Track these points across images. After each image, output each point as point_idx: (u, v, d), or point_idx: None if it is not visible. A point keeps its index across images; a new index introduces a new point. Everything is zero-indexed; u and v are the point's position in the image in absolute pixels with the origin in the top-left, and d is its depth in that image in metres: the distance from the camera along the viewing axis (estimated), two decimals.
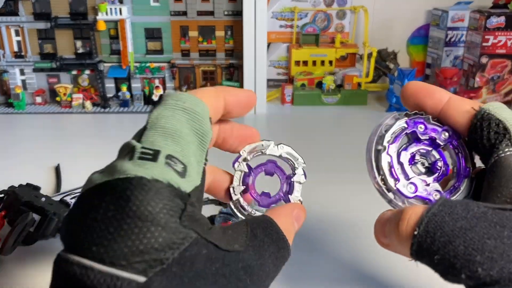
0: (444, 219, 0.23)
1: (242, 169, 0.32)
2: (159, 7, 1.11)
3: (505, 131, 0.27)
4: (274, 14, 1.22)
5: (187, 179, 0.22)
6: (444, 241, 0.22)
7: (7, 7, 1.10)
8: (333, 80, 1.16)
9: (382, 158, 0.29)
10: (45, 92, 1.16)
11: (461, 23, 1.15)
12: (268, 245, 0.25)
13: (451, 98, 0.30)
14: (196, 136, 0.24)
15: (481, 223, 0.22)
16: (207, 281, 0.20)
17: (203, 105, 0.25)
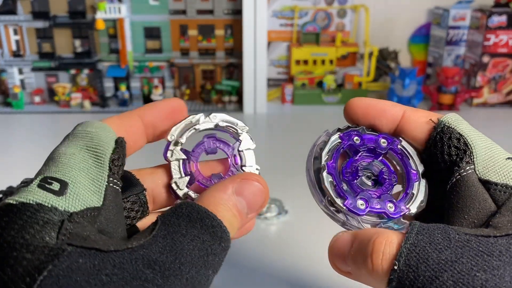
0: (427, 251, 0.20)
1: (178, 157, 0.27)
2: (158, 6, 1.11)
3: (465, 147, 0.26)
4: (274, 13, 1.22)
5: (66, 197, 0.20)
6: (430, 276, 0.20)
7: (5, 6, 1.10)
8: (333, 79, 1.16)
9: (324, 178, 0.27)
10: (44, 91, 1.16)
11: (462, 22, 1.14)
12: (186, 229, 0.21)
13: (405, 112, 0.28)
14: (89, 154, 0.23)
15: (467, 253, 0.20)
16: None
17: (98, 123, 0.24)
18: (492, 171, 0.25)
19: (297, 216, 0.63)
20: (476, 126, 0.29)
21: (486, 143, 0.26)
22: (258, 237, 0.58)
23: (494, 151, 0.26)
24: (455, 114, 0.27)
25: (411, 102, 1.08)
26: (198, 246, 0.21)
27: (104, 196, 0.22)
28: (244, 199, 0.25)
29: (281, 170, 0.77)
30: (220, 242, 0.22)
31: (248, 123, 1.13)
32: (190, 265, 0.21)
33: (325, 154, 0.28)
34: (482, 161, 0.25)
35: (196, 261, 0.21)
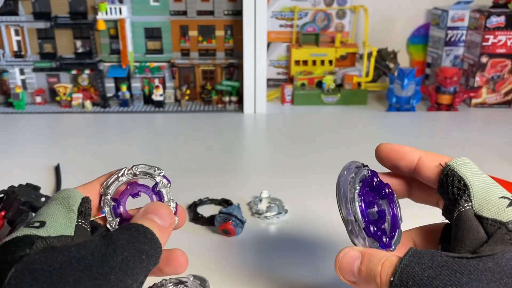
0: (414, 269, 0.26)
1: (109, 205, 0.35)
2: (159, 6, 1.11)
3: (465, 187, 0.31)
4: (274, 14, 1.22)
5: (45, 228, 0.28)
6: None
7: (6, 6, 1.10)
8: (333, 79, 1.16)
9: (355, 198, 0.33)
10: (45, 91, 1.16)
11: (461, 22, 1.15)
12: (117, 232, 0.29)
13: (421, 157, 0.34)
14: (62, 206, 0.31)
15: (444, 271, 0.26)
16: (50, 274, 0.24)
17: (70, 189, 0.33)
18: (486, 208, 0.30)
19: (297, 216, 0.63)
20: (475, 126, 0.32)
21: (485, 185, 0.31)
22: (258, 236, 0.59)
23: (490, 191, 0.31)
24: (465, 158, 0.33)
25: (410, 102, 1.09)
26: (126, 238, 0.28)
27: (75, 230, 0.30)
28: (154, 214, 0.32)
29: (281, 170, 0.78)
30: (145, 234, 0.30)
31: (248, 123, 1.13)
32: (122, 250, 0.27)
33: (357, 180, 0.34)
34: (478, 200, 0.30)
35: (127, 246, 0.28)
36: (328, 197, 0.68)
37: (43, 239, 0.27)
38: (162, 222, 0.32)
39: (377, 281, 0.28)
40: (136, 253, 0.28)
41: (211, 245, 0.56)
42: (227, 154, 0.85)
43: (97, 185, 0.35)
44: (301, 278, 0.50)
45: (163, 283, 0.47)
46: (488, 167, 0.77)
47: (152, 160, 0.82)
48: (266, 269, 0.52)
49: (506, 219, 0.29)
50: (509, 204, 0.30)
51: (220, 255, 0.55)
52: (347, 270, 0.31)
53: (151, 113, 1.11)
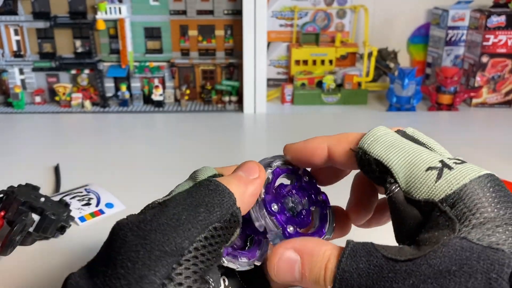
0: (353, 276, 0.23)
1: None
2: (159, 6, 1.11)
3: (385, 169, 0.26)
4: (274, 13, 1.22)
5: None
6: None
7: (6, 6, 1.10)
8: (333, 79, 1.16)
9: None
10: (44, 91, 1.16)
11: (461, 22, 1.14)
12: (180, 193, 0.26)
13: (329, 148, 0.30)
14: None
15: (380, 278, 0.23)
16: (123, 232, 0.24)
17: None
18: (414, 188, 0.25)
19: None
20: (475, 126, 0.30)
21: (407, 157, 0.26)
22: None
23: (415, 164, 0.26)
24: (373, 131, 0.29)
25: (410, 102, 1.09)
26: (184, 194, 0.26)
27: None
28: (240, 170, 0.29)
29: None
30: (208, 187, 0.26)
31: (248, 123, 1.13)
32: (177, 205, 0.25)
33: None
34: (404, 178, 0.26)
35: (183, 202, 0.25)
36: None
37: None
38: (246, 174, 0.28)
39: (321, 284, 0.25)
40: (192, 207, 0.24)
41: None
42: (227, 154, 0.85)
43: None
44: None
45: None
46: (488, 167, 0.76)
47: (152, 160, 0.82)
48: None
49: (437, 197, 0.24)
50: (438, 176, 0.24)
51: None
52: (287, 276, 0.26)
53: (150, 113, 1.11)
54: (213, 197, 0.25)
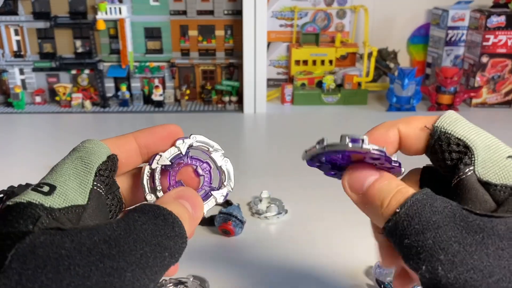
0: (424, 208, 0.23)
1: (181, 149, 0.30)
2: (159, 6, 1.11)
3: (466, 149, 0.26)
4: (274, 13, 1.22)
5: (53, 196, 0.25)
6: (418, 229, 0.23)
7: (6, 6, 1.10)
8: (333, 79, 1.16)
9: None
10: (45, 91, 1.16)
11: (461, 22, 1.15)
12: (139, 216, 0.24)
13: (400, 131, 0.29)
14: (80, 163, 0.27)
15: (452, 224, 0.23)
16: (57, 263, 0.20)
17: (96, 141, 0.28)
18: (492, 172, 0.25)
19: (297, 216, 0.63)
20: None
21: (486, 142, 0.26)
22: (258, 236, 0.59)
23: (495, 150, 0.26)
24: (450, 113, 0.28)
25: (410, 102, 1.09)
26: (150, 228, 0.24)
27: (89, 197, 0.26)
28: (186, 200, 0.28)
29: (281, 170, 0.78)
30: (173, 227, 0.25)
31: (248, 123, 1.12)
32: (143, 243, 0.23)
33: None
34: (482, 162, 0.26)
35: (149, 239, 0.23)
36: (328, 197, 0.67)
37: (48, 212, 0.23)
38: (194, 213, 0.27)
39: (384, 203, 0.25)
40: (159, 250, 0.23)
41: (211, 246, 0.56)
42: (227, 154, 0.85)
43: (132, 141, 0.30)
44: (301, 278, 0.50)
45: (163, 283, 0.47)
46: None
47: None
48: (266, 269, 0.52)
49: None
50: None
51: (220, 256, 0.54)
52: (359, 180, 0.27)
53: (150, 113, 1.11)
54: (176, 241, 0.25)
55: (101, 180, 0.27)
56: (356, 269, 0.52)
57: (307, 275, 0.51)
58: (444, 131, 0.27)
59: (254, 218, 0.62)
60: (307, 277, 0.50)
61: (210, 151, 0.31)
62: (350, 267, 0.52)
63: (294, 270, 0.51)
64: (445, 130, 0.27)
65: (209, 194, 0.31)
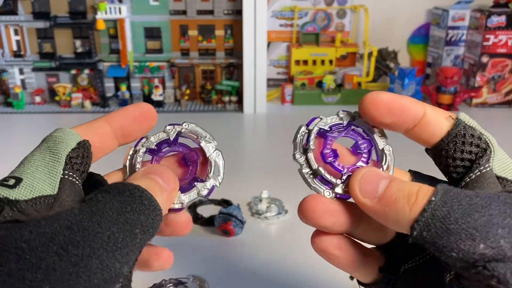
0: (460, 195, 0.23)
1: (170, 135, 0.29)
2: (159, 6, 1.11)
3: (486, 146, 0.27)
4: (274, 13, 1.22)
5: (19, 188, 0.23)
6: (462, 213, 0.22)
7: (6, 6, 1.10)
8: (333, 79, 1.16)
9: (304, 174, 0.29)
10: (44, 91, 1.16)
11: (461, 22, 1.14)
12: (102, 196, 0.23)
13: (426, 111, 0.27)
14: (48, 153, 0.26)
15: (494, 203, 0.22)
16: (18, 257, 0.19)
17: (65, 129, 0.27)
18: (508, 169, 0.26)
19: (297, 216, 0.63)
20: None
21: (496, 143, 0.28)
22: (258, 236, 0.59)
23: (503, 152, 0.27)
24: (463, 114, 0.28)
25: None
26: (115, 206, 0.22)
27: (59, 187, 0.24)
28: (156, 175, 0.26)
29: (281, 170, 0.78)
30: (142, 200, 0.23)
31: (248, 123, 1.12)
32: (109, 223, 0.21)
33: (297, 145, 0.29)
34: (498, 160, 0.27)
35: (115, 218, 0.22)
36: None
37: (13, 204, 0.22)
38: (165, 184, 0.26)
39: (411, 199, 0.24)
40: (128, 227, 0.22)
41: (211, 246, 0.56)
42: (226, 154, 0.84)
43: (104, 124, 0.29)
44: (301, 278, 0.50)
45: (162, 283, 0.47)
46: None
47: None
48: (266, 269, 0.52)
49: None
50: None
51: (219, 256, 0.54)
52: (369, 185, 0.26)
53: None
54: (147, 215, 0.23)
55: (73, 168, 0.26)
56: None
57: (307, 275, 0.51)
58: (468, 125, 0.27)
59: (254, 218, 0.62)
60: (307, 277, 0.50)
61: (200, 140, 0.29)
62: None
63: (294, 270, 0.51)
64: (469, 123, 0.27)
65: (192, 185, 0.28)
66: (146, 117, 0.30)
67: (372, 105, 0.29)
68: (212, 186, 0.29)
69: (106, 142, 0.29)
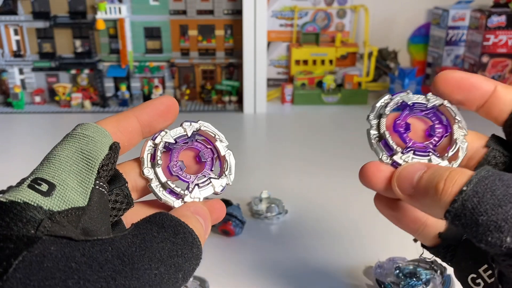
0: (495, 183, 0.22)
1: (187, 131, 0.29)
2: (159, 6, 1.11)
3: None
4: (274, 13, 1.22)
5: (52, 197, 0.22)
6: (494, 203, 0.22)
7: (6, 6, 1.10)
8: (333, 79, 1.16)
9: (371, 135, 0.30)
10: (44, 91, 1.16)
11: (461, 22, 1.14)
12: (158, 232, 0.23)
13: (497, 87, 0.28)
14: (81, 157, 0.25)
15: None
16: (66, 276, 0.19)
17: (96, 127, 0.26)
18: None
19: (297, 216, 0.63)
20: (476, 126, 0.30)
21: None
22: (258, 237, 0.58)
23: None
24: None
25: None
26: (168, 247, 0.22)
27: (90, 197, 0.24)
28: (201, 217, 0.26)
29: (281, 170, 0.77)
30: (192, 248, 0.23)
31: (248, 123, 1.12)
32: (159, 263, 0.21)
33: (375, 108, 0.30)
34: None
35: (166, 260, 0.22)
36: (328, 197, 0.67)
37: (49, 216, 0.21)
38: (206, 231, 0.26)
39: (439, 186, 0.24)
40: (174, 270, 0.22)
41: (211, 246, 0.56)
42: None
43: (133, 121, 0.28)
44: (301, 278, 0.50)
45: None
46: None
47: None
48: (266, 269, 0.52)
49: None
50: None
51: (220, 256, 0.54)
52: (406, 179, 0.26)
53: None
54: (192, 263, 0.23)
55: (103, 175, 0.25)
56: (356, 269, 0.51)
57: (307, 275, 0.50)
58: None
59: (254, 218, 0.62)
60: (307, 277, 0.50)
61: (216, 139, 0.30)
62: (349, 267, 0.52)
63: (294, 270, 0.51)
64: None
65: (208, 182, 0.29)
66: (171, 111, 0.29)
67: (443, 82, 0.29)
68: (226, 183, 0.30)
69: (134, 140, 0.28)
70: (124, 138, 0.27)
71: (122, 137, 0.27)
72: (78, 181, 0.24)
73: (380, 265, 0.50)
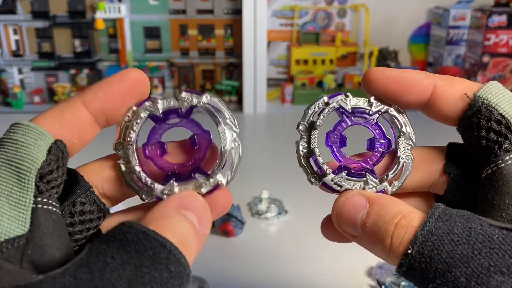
0: (443, 241, 0.19)
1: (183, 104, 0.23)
2: (158, 5, 1.11)
3: (507, 131, 0.22)
4: (274, 13, 1.22)
5: None
6: (442, 269, 0.19)
7: (5, 5, 1.09)
8: (333, 79, 1.16)
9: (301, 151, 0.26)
10: (43, 91, 1.16)
11: (462, 21, 1.14)
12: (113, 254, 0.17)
13: (437, 86, 0.23)
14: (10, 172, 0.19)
15: (486, 249, 0.18)
16: None
17: (28, 128, 0.20)
18: None
19: (297, 216, 0.63)
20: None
21: None
22: (258, 237, 0.58)
23: None
24: (495, 84, 0.24)
25: None
26: (128, 274, 0.17)
27: (32, 221, 0.18)
28: (192, 212, 0.20)
29: (281, 170, 0.77)
30: (167, 265, 0.17)
31: (248, 123, 1.12)
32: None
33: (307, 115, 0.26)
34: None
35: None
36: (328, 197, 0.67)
37: None
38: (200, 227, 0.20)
39: (385, 244, 0.20)
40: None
41: (211, 246, 0.56)
42: None
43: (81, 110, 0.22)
44: (302, 278, 0.50)
45: None
46: None
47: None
48: (266, 269, 0.51)
49: None
50: None
51: (219, 256, 0.54)
52: (347, 220, 0.23)
53: None
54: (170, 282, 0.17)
55: (47, 188, 0.19)
56: (357, 269, 0.51)
57: (308, 276, 0.50)
58: (486, 103, 0.22)
59: (254, 219, 0.62)
60: (308, 278, 0.50)
61: (220, 122, 0.23)
62: (350, 268, 0.51)
63: (295, 271, 0.51)
64: (488, 102, 0.23)
65: (192, 176, 0.23)
66: (136, 89, 0.23)
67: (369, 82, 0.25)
68: (216, 183, 0.23)
69: (86, 134, 0.22)
70: (71, 134, 0.21)
71: (68, 133, 0.21)
72: (10, 205, 0.18)
73: (381, 266, 0.49)
